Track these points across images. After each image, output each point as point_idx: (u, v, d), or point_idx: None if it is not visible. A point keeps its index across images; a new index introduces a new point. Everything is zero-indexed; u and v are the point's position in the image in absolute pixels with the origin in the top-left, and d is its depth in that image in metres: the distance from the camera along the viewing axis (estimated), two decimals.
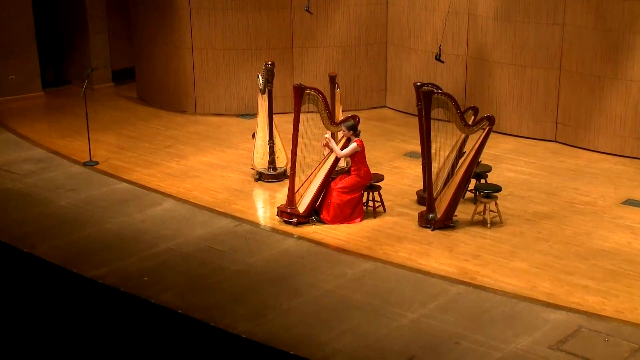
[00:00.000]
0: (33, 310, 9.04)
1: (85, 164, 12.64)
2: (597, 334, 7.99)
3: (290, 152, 10.54)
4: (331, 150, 10.62)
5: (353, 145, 10.41)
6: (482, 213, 10.53)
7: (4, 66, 15.94)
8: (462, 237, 10.12)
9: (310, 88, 10.41)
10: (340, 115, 11.89)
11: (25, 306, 9.13)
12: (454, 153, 11.05)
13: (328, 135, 10.61)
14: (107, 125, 14.59)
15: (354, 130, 10.48)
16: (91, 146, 12.91)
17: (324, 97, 10.46)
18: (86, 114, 12.85)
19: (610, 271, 9.20)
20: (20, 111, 15.44)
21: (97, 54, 16.94)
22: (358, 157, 10.46)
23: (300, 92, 10.37)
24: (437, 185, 10.79)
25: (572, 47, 13.06)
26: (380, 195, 10.87)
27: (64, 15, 17.06)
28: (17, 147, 13.49)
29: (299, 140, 10.58)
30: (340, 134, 11.31)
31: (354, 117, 10.66)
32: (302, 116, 10.46)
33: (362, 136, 10.60)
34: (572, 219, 10.58)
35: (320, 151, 11.99)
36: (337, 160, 10.64)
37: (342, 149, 10.55)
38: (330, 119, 10.57)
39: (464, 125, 10.29)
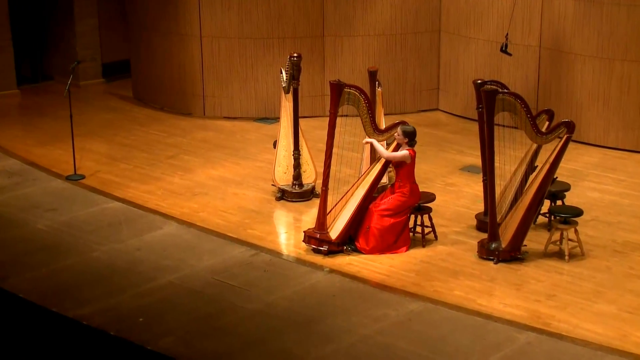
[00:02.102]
0: (4, 358, 9.11)
1: (68, 178, 12.77)
2: None
3: (323, 164, 10.56)
4: (374, 160, 10.61)
5: (404, 152, 10.42)
6: (558, 242, 10.47)
7: None
8: (533, 272, 10.07)
9: (350, 86, 10.46)
10: (382, 120, 11.91)
11: None
12: (523, 167, 11.01)
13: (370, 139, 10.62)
14: (96, 131, 14.72)
15: (410, 138, 10.49)
16: (76, 156, 13.03)
17: (366, 98, 10.50)
18: (70, 117, 12.99)
19: None
20: None
21: (85, 43, 17.12)
22: (405, 171, 10.46)
23: (338, 90, 10.41)
24: (502, 208, 10.76)
25: None
26: (430, 219, 10.86)
27: None
28: None
29: (334, 150, 10.57)
30: (383, 144, 11.31)
31: (402, 122, 10.67)
32: (338, 120, 10.46)
33: None
34: None
35: (358, 164, 12.01)
36: (380, 175, 10.66)
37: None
38: (372, 124, 10.60)
39: (535, 133, 10.26)
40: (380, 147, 10.63)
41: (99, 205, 11.90)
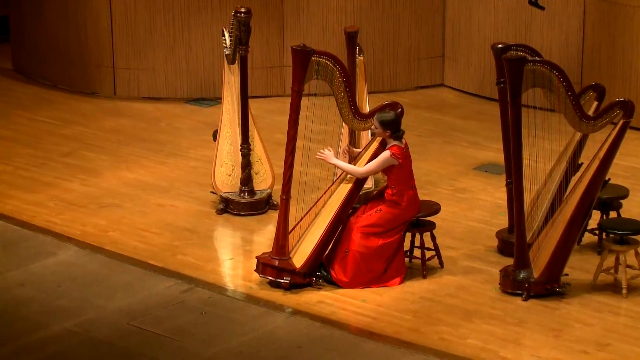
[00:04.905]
0: None
1: None
2: None
3: (284, 162, 10.56)
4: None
5: (384, 156, 10.43)
6: (612, 270, 10.53)
7: None
8: (578, 312, 10.13)
9: (320, 53, 10.45)
10: (364, 101, 11.92)
11: None
12: (563, 166, 11.07)
13: (330, 152, 10.65)
14: None
15: (392, 128, 10.49)
16: None
17: (342, 69, 10.50)
18: None
19: None
20: None
21: None
22: (396, 173, 10.49)
23: (304, 59, 10.40)
24: (534, 222, 10.81)
25: None
26: (434, 238, 10.90)
27: None
28: None
29: (298, 143, 10.61)
30: (365, 134, 11.34)
31: (392, 105, 10.69)
32: (303, 101, 10.48)
33: (405, 137, 10.63)
34: None
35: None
36: (360, 180, 10.69)
37: (371, 159, 10.57)
38: (351, 107, 10.60)
39: (579, 118, 10.31)
40: (346, 165, 10.66)
41: None
